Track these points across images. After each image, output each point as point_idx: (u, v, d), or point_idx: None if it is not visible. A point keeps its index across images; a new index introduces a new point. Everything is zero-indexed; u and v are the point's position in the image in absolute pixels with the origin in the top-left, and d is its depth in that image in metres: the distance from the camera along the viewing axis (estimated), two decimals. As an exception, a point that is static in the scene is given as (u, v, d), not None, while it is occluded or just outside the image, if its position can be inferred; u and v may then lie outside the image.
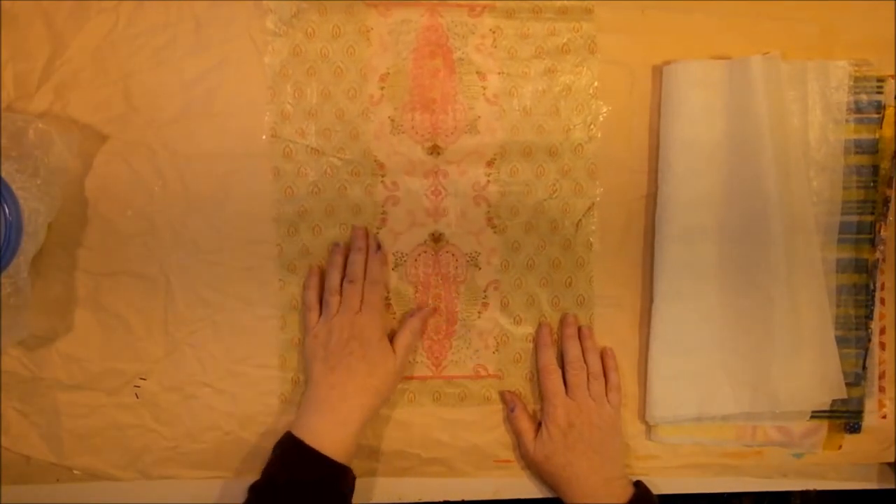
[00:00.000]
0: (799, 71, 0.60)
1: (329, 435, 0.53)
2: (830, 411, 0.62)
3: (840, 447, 0.63)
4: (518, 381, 0.62)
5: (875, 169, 0.60)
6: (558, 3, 0.60)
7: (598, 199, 0.61)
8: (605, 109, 0.61)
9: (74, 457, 0.60)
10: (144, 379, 0.60)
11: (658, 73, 0.61)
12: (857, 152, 0.60)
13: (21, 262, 0.52)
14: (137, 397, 0.60)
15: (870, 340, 0.62)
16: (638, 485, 0.59)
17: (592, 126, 0.61)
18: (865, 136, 0.60)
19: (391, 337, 0.59)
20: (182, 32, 0.58)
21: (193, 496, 0.61)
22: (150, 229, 0.59)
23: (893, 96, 0.60)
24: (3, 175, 0.51)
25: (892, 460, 0.63)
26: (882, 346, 0.62)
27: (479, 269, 0.61)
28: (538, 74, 0.60)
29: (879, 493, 0.65)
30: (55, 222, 0.57)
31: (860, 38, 0.61)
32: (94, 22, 0.58)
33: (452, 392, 0.62)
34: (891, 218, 0.61)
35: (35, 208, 0.53)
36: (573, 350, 0.60)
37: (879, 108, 0.60)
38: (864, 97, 0.60)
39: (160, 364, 0.60)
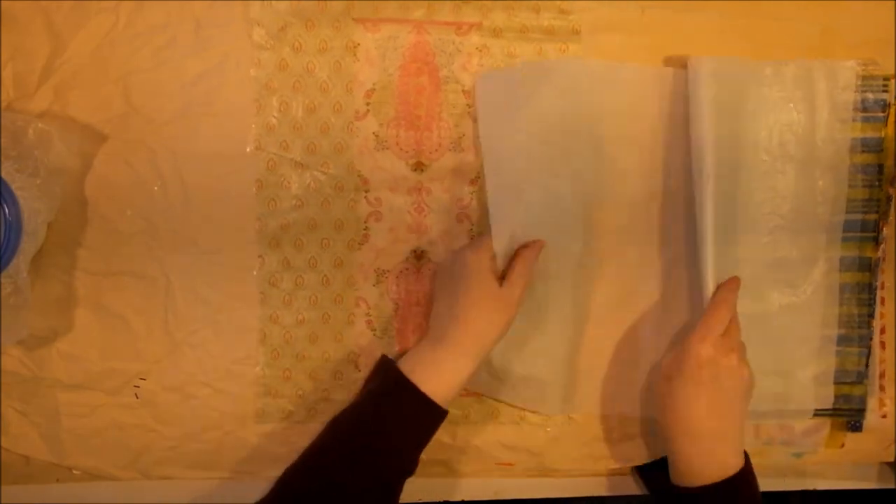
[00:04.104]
0: (805, 71, 0.60)
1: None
2: (833, 409, 0.62)
3: (842, 445, 0.63)
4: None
5: (880, 168, 0.60)
6: (545, 23, 0.60)
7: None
8: None
9: (74, 457, 0.60)
10: (144, 379, 0.60)
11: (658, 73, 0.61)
12: (863, 151, 0.60)
13: (21, 261, 0.52)
14: (137, 397, 0.60)
15: (871, 339, 0.62)
16: (746, 462, 0.54)
17: None
18: (871, 134, 0.60)
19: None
20: (182, 33, 0.58)
21: (193, 496, 0.61)
22: (149, 229, 0.59)
23: (895, 95, 0.60)
24: (3, 175, 0.51)
25: (892, 460, 0.63)
26: (882, 345, 0.62)
27: None
28: None
29: (879, 493, 0.65)
30: (55, 222, 0.57)
31: (860, 38, 0.61)
32: (94, 22, 0.58)
33: None
34: (891, 217, 0.61)
35: (35, 208, 0.53)
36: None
37: (885, 106, 0.60)
38: (870, 96, 0.60)
39: (160, 364, 0.60)
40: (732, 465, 0.53)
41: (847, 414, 0.62)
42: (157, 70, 0.58)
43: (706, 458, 0.53)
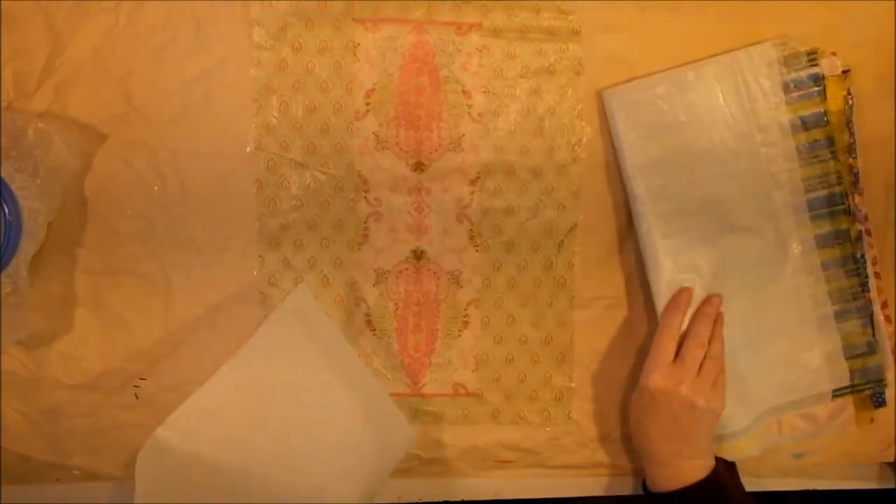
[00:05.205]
0: (726, 66, 0.59)
1: None
2: (852, 385, 0.61)
3: (872, 420, 0.62)
4: (498, 401, 0.62)
5: (830, 140, 0.60)
6: (545, 23, 0.60)
7: (580, 219, 0.61)
8: (589, 131, 0.61)
9: (74, 457, 0.60)
10: (144, 379, 0.60)
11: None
12: (805, 129, 0.60)
13: (21, 261, 0.52)
14: (137, 397, 0.60)
15: (872, 310, 0.61)
16: (715, 468, 0.57)
17: (577, 147, 0.61)
18: (810, 111, 0.60)
19: None
20: (182, 33, 0.58)
21: (193, 496, 0.61)
22: (149, 229, 0.59)
23: (839, 69, 0.59)
24: (3, 175, 0.51)
25: (892, 460, 0.63)
26: (888, 319, 0.62)
27: (461, 287, 0.61)
28: (524, 94, 0.60)
29: (879, 493, 0.65)
30: (55, 222, 0.57)
31: (860, 38, 0.61)
32: (94, 21, 0.58)
33: (429, 410, 0.62)
34: (862, 185, 0.61)
35: (35, 208, 0.53)
36: (702, 327, 0.58)
37: (818, 80, 0.60)
38: (799, 73, 0.59)
39: (160, 364, 0.60)
40: (696, 474, 0.56)
41: (867, 387, 0.61)
42: (157, 70, 0.58)
43: (668, 473, 0.57)
